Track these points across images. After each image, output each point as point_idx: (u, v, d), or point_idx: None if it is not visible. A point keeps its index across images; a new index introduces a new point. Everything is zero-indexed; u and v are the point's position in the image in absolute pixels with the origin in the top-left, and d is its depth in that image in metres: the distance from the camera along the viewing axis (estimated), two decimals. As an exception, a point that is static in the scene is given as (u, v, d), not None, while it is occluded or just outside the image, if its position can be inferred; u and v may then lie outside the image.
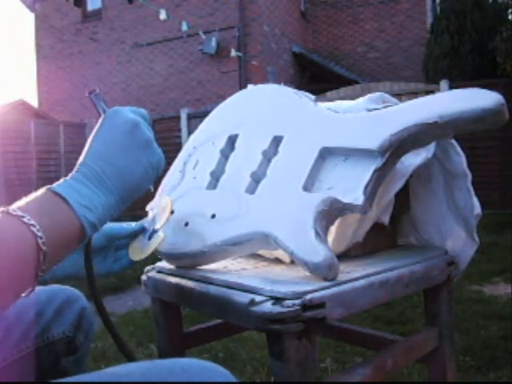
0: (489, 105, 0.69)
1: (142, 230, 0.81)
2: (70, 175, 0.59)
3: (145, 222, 0.82)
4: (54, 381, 0.56)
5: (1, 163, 7.06)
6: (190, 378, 0.52)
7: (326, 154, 0.79)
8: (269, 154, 0.83)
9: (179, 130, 7.64)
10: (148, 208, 0.85)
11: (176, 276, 0.83)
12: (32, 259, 0.47)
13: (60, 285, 0.89)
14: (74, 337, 0.88)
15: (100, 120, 0.65)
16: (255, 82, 7.43)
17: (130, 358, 0.75)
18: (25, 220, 0.47)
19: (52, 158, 7.94)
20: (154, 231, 0.79)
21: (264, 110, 0.90)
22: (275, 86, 0.95)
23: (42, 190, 0.54)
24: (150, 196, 0.96)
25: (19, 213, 0.47)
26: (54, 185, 0.56)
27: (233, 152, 0.89)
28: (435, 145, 0.88)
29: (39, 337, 0.84)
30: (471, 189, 0.90)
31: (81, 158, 0.61)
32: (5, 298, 0.45)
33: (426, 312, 0.95)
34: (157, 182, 0.97)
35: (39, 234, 0.47)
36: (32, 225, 0.47)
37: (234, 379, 0.54)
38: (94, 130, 0.64)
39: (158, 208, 0.83)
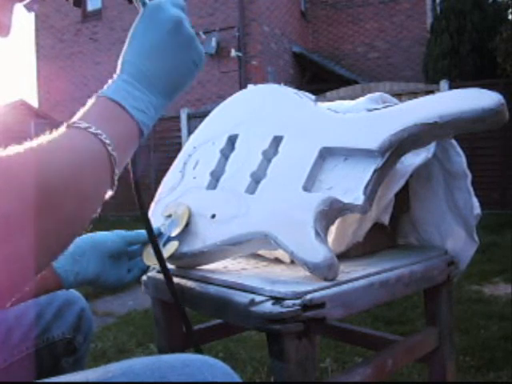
0: (489, 105, 0.69)
1: (159, 234, 0.81)
2: (116, 75, 0.58)
3: (161, 227, 0.82)
4: (55, 379, 0.56)
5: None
6: (192, 374, 0.52)
7: (326, 154, 0.79)
8: (269, 154, 0.83)
9: (179, 130, 7.63)
10: (165, 213, 0.85)
11: (176, 276, 0.83)
12: (107, 164, 0.50)
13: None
14: (74, 338, 0.88)
15: (140, 14, 0.62)
16: (255, 82, 7.42)
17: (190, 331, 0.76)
18: (92, 130, 0.49)
19: (52, 158, 7.91)
20: (169, 238, 0.80)
21: (264, 110, 0.90)
22: (275, 86, 0.95)
23: (95, 98, 0.55)
24: (150, 197, 0.96)
25: (85, 124, 0.50)
26: (106, 89, 0.56)
27: (233, 152, 0.89)
28: (435, 145, 0.88)
29: (39, 338, 0.84)
30: (471, 189, 0.90)
31: (122, 56, 0.59)
32: (93, 203, 0.49)
33: (426, 312, 0.95)
34: (157, 180, 0.97)
35: (107, 141, 0.50)
36: (99, 133, 0.50)
37: (234, 375, 0.54)
38: (133, 27, 0.61)
39: (175, 215, 0.83)
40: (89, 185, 0.48)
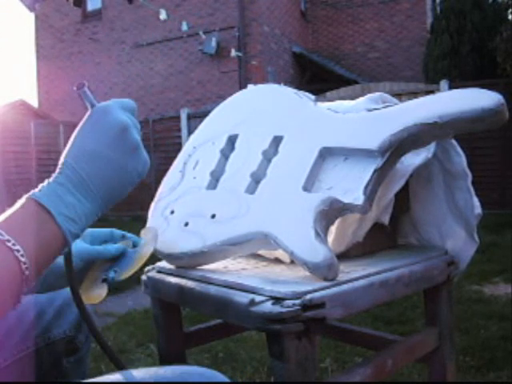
0: (489, 105, 0.69)
1: (122, 255, 0.73)
2: (54, 176, 0.56)
3: (128, 247, 0.75)
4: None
5: (1, 163, 7.06)
6: None
7: (326, 154, 0.79)
8: (269, 154, 0.83)
9: (179, 130, 7.64)
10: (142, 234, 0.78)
11: (176, 276, 0.83)
12: (14, 284, 0.47)
13: None
14: (75, 337, 0.88)
15: (86, 116, 0.60)
16: (255, 82, 7.42)
17: (119, 366, 0.69)
18: (9, 245, 0.47)
19: (52, 158, 7.92)
20: (115, 273, 0.71)
21: (264, 109, 0.90)
22: (275, 86, 0.95)
23: (25, 200, 0.52)
24: (150, 197, 0.96)
25: (5, 236, 0.47)
26: (38, 191, 0.53)
27: (233, 152, 0.89)
28: (435, 145, 0.88)
29: (40, 337, 0.84)
30: (471, 189, 0.90)
31: (64, 157, 0.57)
32: None
33: (426, 312, 0.95)
34: (157, 179, 0.97)
35: (23, 259, 0.47)
36: (17, 250, 0.47)
37: None
38: (79, 127, 0.59)
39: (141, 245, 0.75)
40: None
